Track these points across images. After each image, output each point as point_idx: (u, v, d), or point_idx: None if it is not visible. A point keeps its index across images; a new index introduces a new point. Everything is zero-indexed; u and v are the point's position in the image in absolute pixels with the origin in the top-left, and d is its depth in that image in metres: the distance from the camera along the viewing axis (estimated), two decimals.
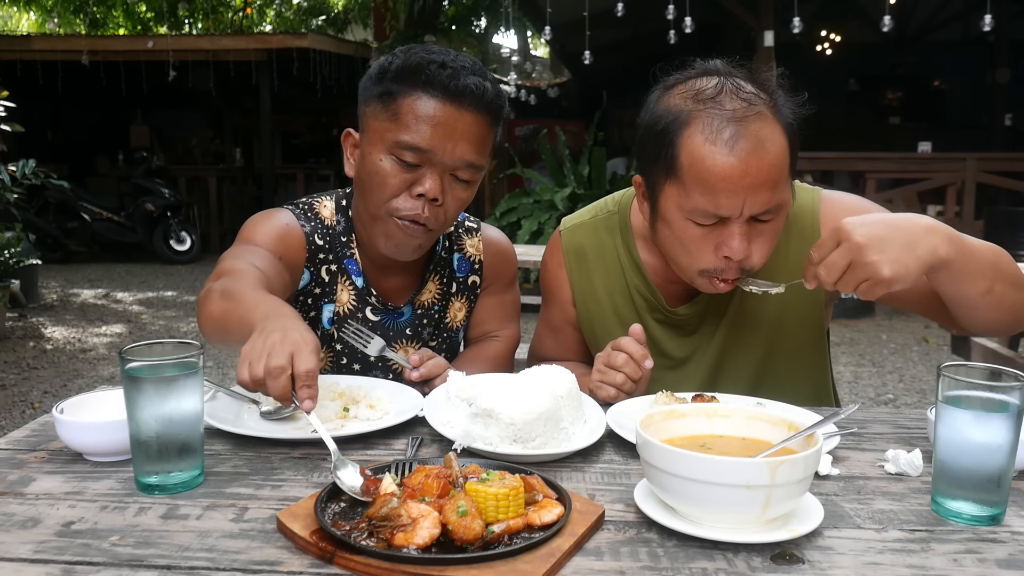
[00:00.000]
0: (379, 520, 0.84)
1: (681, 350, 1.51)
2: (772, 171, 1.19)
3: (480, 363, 1.59)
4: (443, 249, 1.63)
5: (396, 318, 1.59)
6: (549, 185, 8.39)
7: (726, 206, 1.21)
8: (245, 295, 1.21)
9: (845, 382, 5.14)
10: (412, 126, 1.34)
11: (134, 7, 13.57)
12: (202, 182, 12.44)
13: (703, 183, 1.21)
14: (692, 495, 0.87)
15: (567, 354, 1.64)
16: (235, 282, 1.26)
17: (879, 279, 1.09)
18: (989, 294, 1.19)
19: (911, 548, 0.87)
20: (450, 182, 1.39)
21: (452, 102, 1.34)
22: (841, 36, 12.18)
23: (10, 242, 6.62)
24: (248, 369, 1.02)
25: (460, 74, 1.35)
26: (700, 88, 1.24)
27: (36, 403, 4.63)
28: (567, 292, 1.59)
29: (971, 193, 8.26)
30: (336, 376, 1.46)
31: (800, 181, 1.54)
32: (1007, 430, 0.92)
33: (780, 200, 1.24)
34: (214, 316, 1.24)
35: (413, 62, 1.36)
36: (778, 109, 1.24)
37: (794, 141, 1.24)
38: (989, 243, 1.24)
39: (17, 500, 0.97)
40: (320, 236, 1.53)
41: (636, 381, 1.33)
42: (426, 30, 10.41)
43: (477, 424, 1.13)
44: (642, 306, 1.52)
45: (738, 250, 1.23)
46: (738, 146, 1.18)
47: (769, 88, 1.25)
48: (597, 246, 1.56)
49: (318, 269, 1.54)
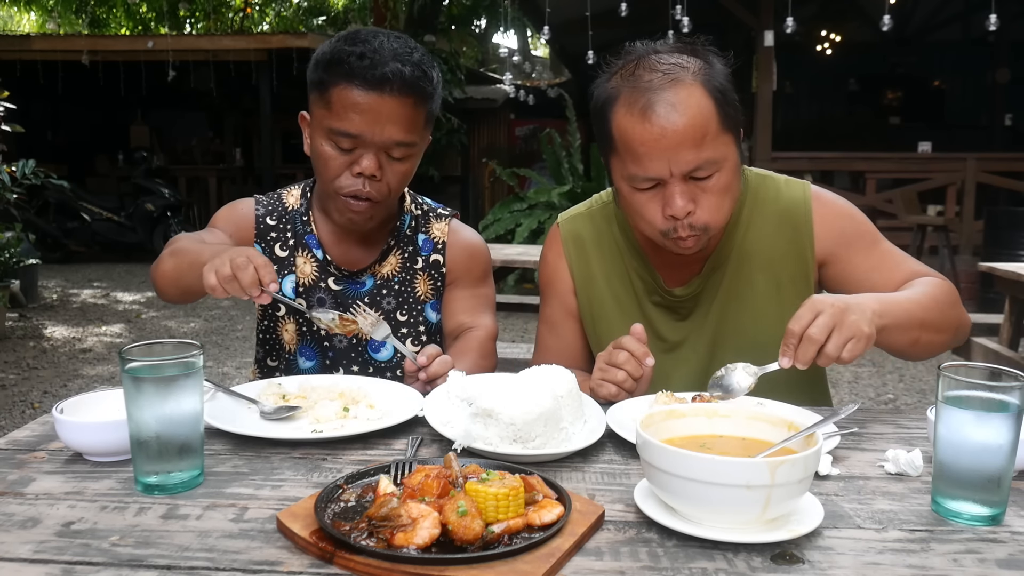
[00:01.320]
0: (379, 520, 0.84)
1: (677, 333, 1.55)
2: (691, 131, 1.29)
3: (467, 355, 1.62)
4: (408, 228, 1.70)
5: (357, 287, 1.66)
6: (548, 185, 8.40)
7: (653, 168, 1.32)
8: (191, 248, 1.46)
9: (845, 382, 5.14)
10: (341, 114, 1.45)
11: (135, 7, 13.57)
12: (202, 182, 12.45)
13: (630, 151, 1.33)
14: (692, 495, 0.87)
15: (569, 351, 1.65)
16: (179, 243, 1.51)
17: (862, 335, 1.19)
18: (916, 344, 1.36)
19: (911, 548, 0.87)
20: (386, 159, 1.49)
21: (374, 90, 1.43)
22: (841, 36, 12.18)
23: (10, 242, 6.62)
24: (214, 273, 1.25)
25: (378, 64, 1.43)
26: (624, 67, 1.37)
27: (36, 403, 4.63)
28: (567, 281, 1.62)
29: (971, 193, 8.27)
30: (336, 376, 1.46)
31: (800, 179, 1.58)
32: (1007, 430, 0.92)
33: (708, 156, 1.31)
34: (167, 273, 1.48)
35: (336, 55, 1.45)
36: (701, 73, 1.33)
37: (723, 101, 1.33)
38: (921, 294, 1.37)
39: (17, 500, 0.97)
40: (273, 217, 1.68)
41: (637, 379, 1.34)
42: (426, 30, 10.41)
43: (477, 424, 1.13)
44: (640, 289, 1.56)
45: (679, 208, 1.32)
46: (653, 112, 1.30)
47: (698, 55, 1.36)
48: (595, 233, 1.61)
49: (271, 246, 1.66)
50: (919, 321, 1.33)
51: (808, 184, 1.55)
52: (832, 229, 1.50)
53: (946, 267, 7.27)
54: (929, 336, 1.36)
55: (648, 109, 1.30)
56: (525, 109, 12.01)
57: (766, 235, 1.51)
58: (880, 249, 1.50)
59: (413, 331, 1.68)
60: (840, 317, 1.18)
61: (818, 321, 1.18)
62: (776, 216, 1.51)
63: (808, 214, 1.50)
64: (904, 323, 1.30)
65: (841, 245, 1.49)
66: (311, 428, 1.23)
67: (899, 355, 1.40)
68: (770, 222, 1.51)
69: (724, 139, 1.33)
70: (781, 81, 8.63)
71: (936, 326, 1.37)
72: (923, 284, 1.41)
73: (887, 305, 1.28)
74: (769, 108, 8.22)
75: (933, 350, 1.41)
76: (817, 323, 1.18)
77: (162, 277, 1.49)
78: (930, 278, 1.44)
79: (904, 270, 1.47)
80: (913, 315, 1.32)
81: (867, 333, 1.19)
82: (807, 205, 1.50)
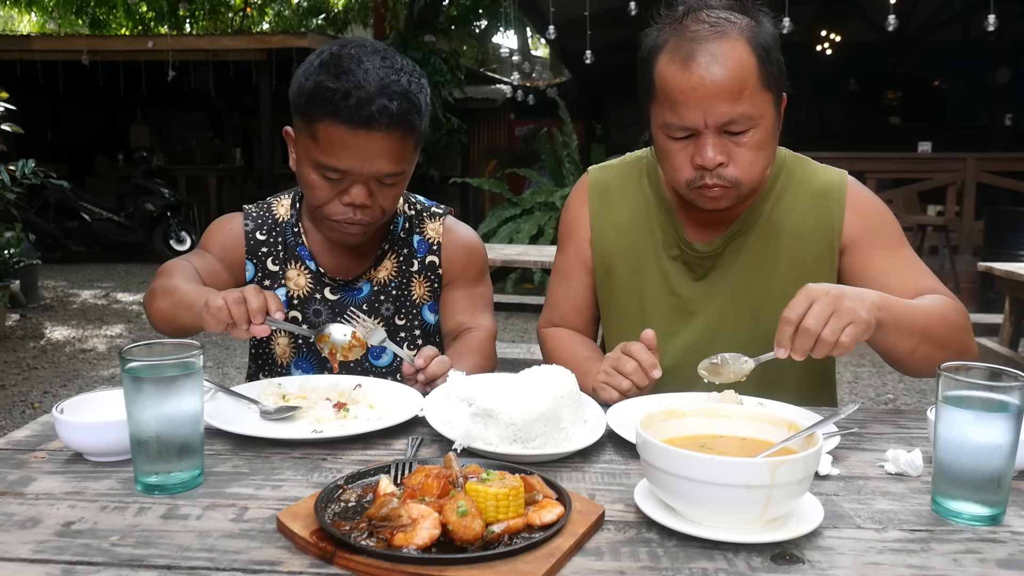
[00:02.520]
0: (379, 520, 0.84)
1: (691, 291, 1.55)
2: (729, 83, 1.30)
3: (467, 356, 1.61)
4: (402, 230, 1.68)
5: (354, 294, 1.64)
6: (547, 185, 8.38)
7: (688, 117, 1.33)
8: (182, 287, 1.44)
9: (845, 382, 5.14)
10: (328, 150, 1.41)
11: (135, 7, 13.57)
12: (202, 182, 12.43)
13: (669, 99, 1.35)
14: (692, 495, 0.87)
15: (576, 303, 1.66)
16: (170, 279, 1.49)
17: (859, 320, 1.17)
18: (914, 354, 1.32)
19: (911, 548, 0.87)
20: (376, 186, 1.46)
21: (361, 128, 1.38)
22: (841, 36, 12.17)
23: (10, 242, 6.62)
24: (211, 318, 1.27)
25: (364, 103, 1.37)
26: (672, 17, 1.39)
27: (36, 403, 4.63)
28: (585, 230, 1.63)
29: (971, 193, 8.27)
30: (336, 376, 1.46)
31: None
32: (1007, 430, 0.92)
33: (744, 111, 1.31)
34: (161, 311, 1.46)
35: (320, 92, 1.39)
36: (747, 30, 1.34)
37: (766, 58, 1.34)
38: (929, 307, 1.34)
39: (17, 500, 0.98)
40: (263, 231, 1.65)
41: (641, 389, 1.34)
42: (426, 30, 10.40)
43: (477, 424, 1.13)
44: (660, 240, 1.56)
45: (709, 159, 1.33)
46: (695, 61, 1.31)
47: (747, 13, 1.37)
48: (622, 183, 1.63)
49: (263, 261, 1.64)
50: (921, 329, 1.30)
51: (846, 173, 1.55)
52: (862, 217, 1.50)
53: (946, 267, 7.27)
54: (929, 349, 1.32)
55: (690, 58, 1.31)
56: (525, 109, 12.00)
57: (796, 211, 1.50)
58: (902, 254, 1.49)
59: (410, 335, 1.68)
60: (836, 303, 1.17)
61: (813, 310, 1.17)
62: (809, 195, 1.51)
63: (842, 198, 1.50)
64: (904, 326, 1.28)
65: (867, 236, 1.49)
66: (311, 428, 1.23)
67: (897, 364, 1.37)
68: (802, 199, 1.51)
69: (763, 97, 1.33)
70: None
71: (939, 341, 1.33)
72: (935, 299, 1.38)
73: (888, 302, 1.26)
74: None
75: (932, 366, 1.36)
76: (813, 312, 1.16)
77: (156, 314, 1.48)
78: (945, 297, 1.41)
79: (921, 282, 1.44)
80: (916, 322, 1.30)
81: (865, 319, 1.18)
82: (842, 190, 1.51)
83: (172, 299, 1.43)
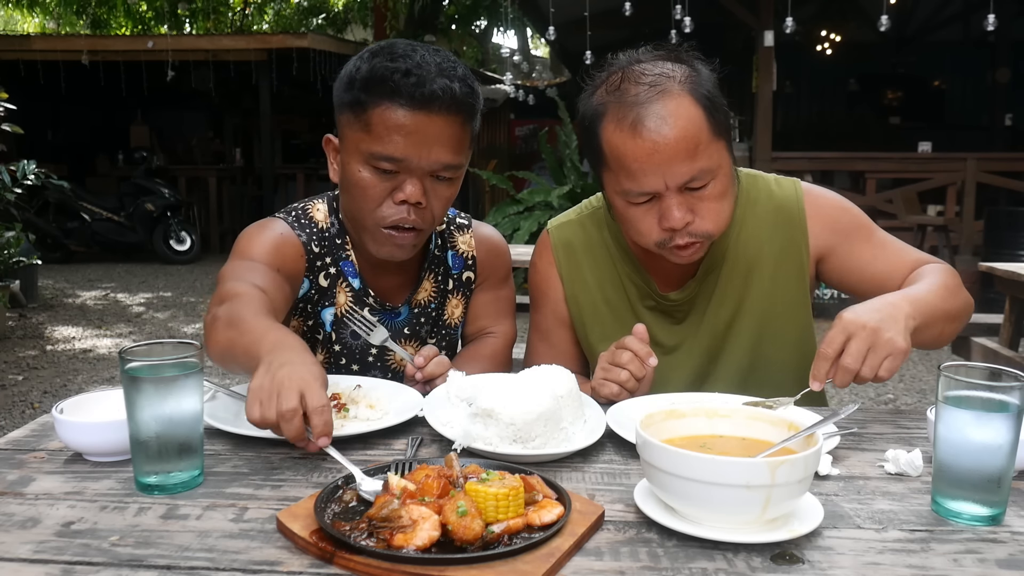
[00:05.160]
0: (379, 521, 0.84)
1: (672, 338, 1.54)
2: (683, 143, 1.27)
3: (479, 361, 1.58)
4: (436, 247, 1.63)
5: (394, 318, 1.59)
6: (547, 185, 8.38)
7: (648, 183, 1.30)
8: (249, 324, 1.19)
9: None
10: (384, 137, 1.34)
11: (135, 7, 13.57)
12: (202, 182, 12.43)
13: (624, 167, 1.31)
14: (692, 495, 0.87)
15: (561, 360, 1.63)
16: (239, 308, 1.24)
17: (898, 351, 1.16)
18: (940, 337, 1.38)
19: (911, 548, 0.87)
20: (431, 183, 1.40)
21: (421, 109, 1.33)
22: (841, 36, 12.17)
23: (10, 242, 6.62)
24: (259, 410, 1.01)
25: (426, 80, 1.32)
26: (609, 81, 1.35)
27: (36, 403, 4.63)
28: (558, 289, 1.60)
29: (971, 193, 8.27)
30: (336, 376, 1.45)
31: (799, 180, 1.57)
32: (1007, 430, 0.92)
33: (703, 166, 1.29)
34: (220, 345, 1.23)
35: (378, 72, 1.34)
36: (688, 82, 1.31)
37: (712, 107, 1.31)
38: (938, 286, 1.34)
39: (17, 500, 0.97)
40: (316, 243, 1.53)
41: (640, 379, 1.33)
42: (426, 30, 10.42)
43: (477, 424, 1.13)
44: (633, 294, 1.55)
45: (677, 220, 1.31)
46: (644, 127, 1.28)
47: (682, 62, 1.34)
48: (585, 240, 1.59)
49: (316, 276, 1.53)
50: (943, 313, 1.32)
51: (798, 181, 1.54)
52: (827, 223, 1.49)
53: None
54: (950, 327, 1.36)
55: (638, 124, 1.28)
56: (525, 109, 12.01)
57: (760, 235, 1.50)
58: (877, 238, 1.50)
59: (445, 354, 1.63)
60: (873, 338, 1.15)
61: (851, 347, 1.15)
62: (769, 215, 1.50)
63: (801, 211, 1.49)
64: (931, 319, 1.29)
65: (838, 238, 1.49)
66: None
67: (918, 347, 1.37)
68: (763, 222, 1.50)
69: (716, 146, 1.31)
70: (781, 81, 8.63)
71: (955, 315, 1.37)
72: (932, 273, 1.39)
73: (917, 305, 1.26)
74: (769, 108, 8.22)
75: (948, 339, 1.42)
76: (850, 350, 1.15)
77: (215, 348, 1.24)
78: (934, 265, 1.43)
79: (907, 259, 1.47)
80: (938, 309, 1.31)
81: (903, 348, 1.16)
82: (799, 202, 1.50)
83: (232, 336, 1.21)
